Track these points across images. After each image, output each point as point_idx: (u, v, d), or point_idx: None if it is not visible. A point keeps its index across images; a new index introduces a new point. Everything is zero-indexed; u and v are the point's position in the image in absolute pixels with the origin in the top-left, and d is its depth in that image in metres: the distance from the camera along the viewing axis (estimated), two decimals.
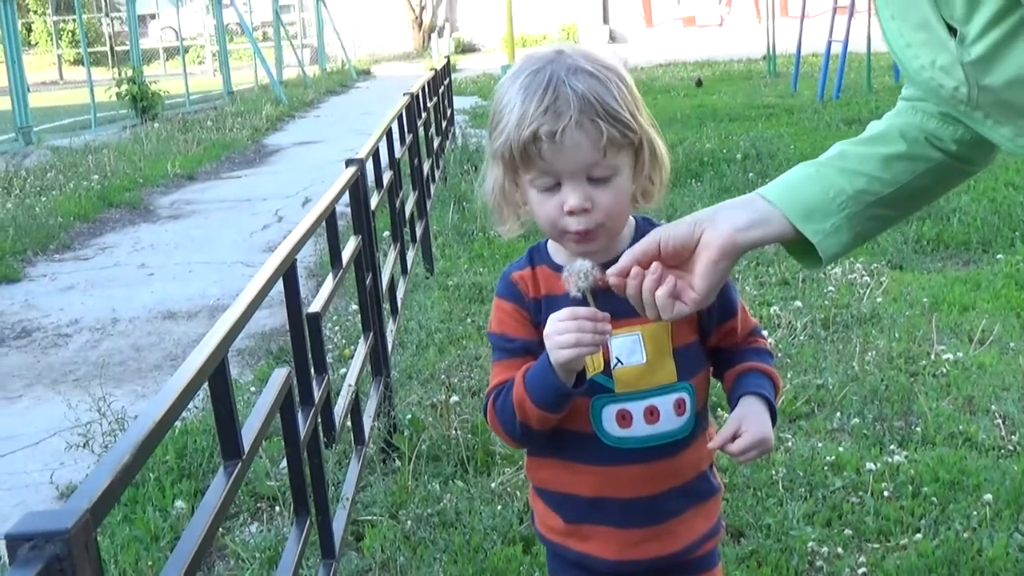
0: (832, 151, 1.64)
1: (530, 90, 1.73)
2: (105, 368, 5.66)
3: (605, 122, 1.70)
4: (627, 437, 1.84)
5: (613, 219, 1.78)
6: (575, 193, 1.74)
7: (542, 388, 1.76)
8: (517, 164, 1.77)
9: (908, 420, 4.18)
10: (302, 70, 26.76)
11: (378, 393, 4.19)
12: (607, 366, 1.82)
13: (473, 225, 7.85)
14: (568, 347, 1.69)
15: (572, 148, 1.71)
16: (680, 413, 1.85)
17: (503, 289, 1.92)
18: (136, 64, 18.54)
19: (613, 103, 1.71)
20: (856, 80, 16.07)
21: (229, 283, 7.29)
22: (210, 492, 1.88)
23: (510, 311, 1.89)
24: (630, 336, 1.83)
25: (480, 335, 5.47)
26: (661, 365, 1.83)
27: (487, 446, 4.02)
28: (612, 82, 1.73)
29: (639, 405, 1.83)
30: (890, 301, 5.62)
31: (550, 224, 1.79)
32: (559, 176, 1.74)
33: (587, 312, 1.69)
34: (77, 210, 9.94)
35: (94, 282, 7.67)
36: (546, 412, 1.78)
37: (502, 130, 1.76)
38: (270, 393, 2.38)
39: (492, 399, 1.87)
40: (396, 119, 6.37)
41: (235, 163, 13.70)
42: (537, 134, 1.71)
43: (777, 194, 1.61)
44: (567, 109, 1.70)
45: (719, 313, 1.89)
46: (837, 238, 1.59)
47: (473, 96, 19.70)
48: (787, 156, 9.90)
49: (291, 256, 2.71)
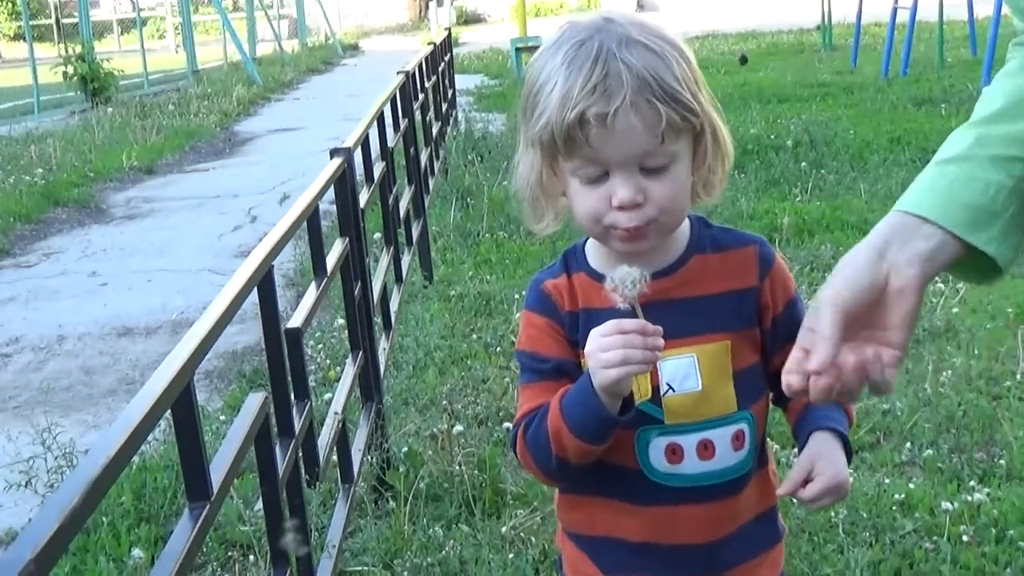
0: (963, 141, 1.55)
1: (575, 64, 1.70)
2: (50, 394, 5.67)
3: (663, 103, 1.68)
4: (677, 474, 1.82)
5: (668, 215, 1.75)
6: (626, 185, 1.72)
7: (582, 415, 1.75)
8: (559, 150, 1.74)
9: (990, 451, 4.17)
10: (279, 45, 26.85)
11: (369, 422, 4.19)
12: (655, 393, 1.81)
13: (479, 225, 7.86)
14: (614, 366, 1.67)
15: (625, 133, 1.68)
16: (739, 447, 1.83)
17: (533, 300, 1.90)
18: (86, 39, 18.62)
19: (672, 81, 1.69)
20: (926, 54, 16.06)
21: (195, 294, 7.31)
22: (173, 539, 1.88)
23: (542, 326, 1.87)
24: (683, 358, 1.81)
25: (488, 353, 5.47)
26: (719, 392, 1.82)
27: (496, 484, 4.02)
28: (671, 56, 1.71)
29: (692, 439, 1.82)
30: (968, 312, 5.61)
31: (593, 219, 1.76)
32: (607, 165, 1.72)
33: (636, 325, 1.67)
34: (17, 209, 9.98)
35: (37, 293, 7.70)
36: (586, 443, 1.76)
37: (541, 112, 1.73)
38: (243, 423, 2.38)
39: (522, 429, 1.85)
40: (388, 102, 6.38)
41: (201, 154, 13.75)
42: (584, 116, 1.68)
43: (934, 207, 1.51)
44: (619, 87, 1.67)
45: (786, 332, 1.83)
46: (1010, 241, 1.50)
47: (478, 74, 19.77)
48: (846, 143, 9.91)
49: (267, 262, 2.71)
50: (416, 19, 36.58)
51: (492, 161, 9.84)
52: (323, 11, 30.82)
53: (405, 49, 25.07)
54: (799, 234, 7.19)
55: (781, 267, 1.89)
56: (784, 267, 1.90)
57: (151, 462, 4.37)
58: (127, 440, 1.61)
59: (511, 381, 5.01)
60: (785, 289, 1.88)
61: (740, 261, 1.85)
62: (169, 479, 4.20)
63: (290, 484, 2.75)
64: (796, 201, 8.06)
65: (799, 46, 20.54)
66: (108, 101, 17.40)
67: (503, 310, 6.09)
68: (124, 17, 31.92)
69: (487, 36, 29.09)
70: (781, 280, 1.87)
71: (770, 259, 1.87)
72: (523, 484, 4.04)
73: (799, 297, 1.90)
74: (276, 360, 2.87)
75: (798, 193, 8.29)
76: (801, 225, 7.34)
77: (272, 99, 19.29)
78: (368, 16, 37.30)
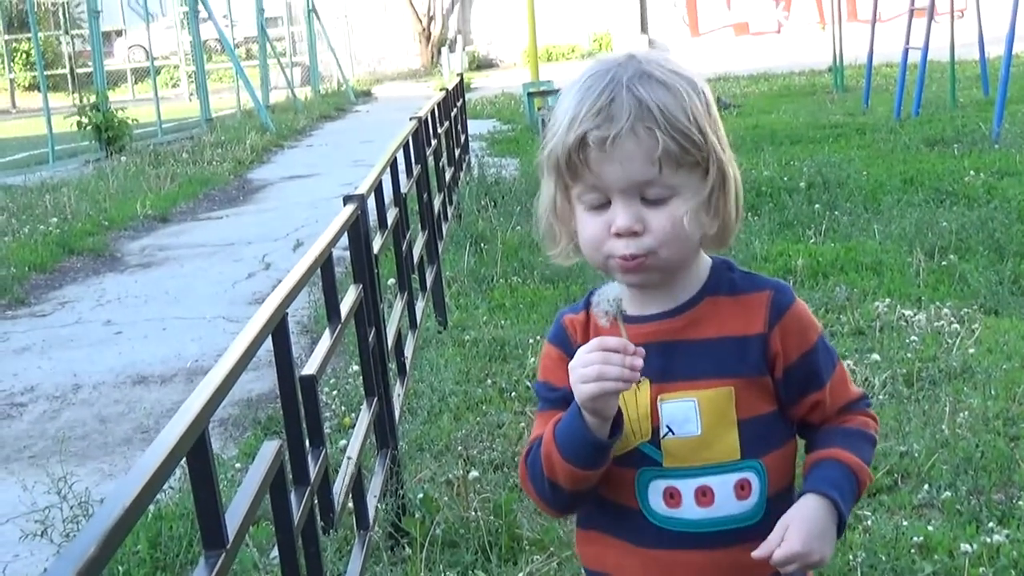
0: None
1: (588, 92, 1.77)
2: (66, 443, 5.67)
3: (663, 132, 1.72)
4: (676, 518, 1.83)
5: (667, 248, 1.77)
6: (624, 212, 1.75)
7: (569, 436, 1.78)
8: (565, 174, 1.79)
9: (1009, 492, 4.15)
10: (292, 92, 27.00)
11: (384, 468, 4.19)
12: (655, 434, 1.82)
13: (493, 270, 7.87)
14: (590, 381, 1.70)
15: (624, 158, 1.73)
16: (743, 496, 1.83)
17: (552, 333, 1.95)
18: (100, 88, 18.74)
19: (678, 113, 1.73)
20: (938, 94, 16.08)
21: (209, 342, 7.32)
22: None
23: (555, 358, 1.92)
24: (684, 402, 1.82)
25: (503, 399, 5.47)
26: (720, 439, 1.82)
27: (513, 529, 4.01)
28: (682, 91, 1.76)
29: (689, 483, 1.83)
30: (984, 352, 5.59)
31: (594, 247, 1.80)
32: (608, 191, 1.76)
33: (616, 343, 1.70)
34: (33, 259, 10.02)
35: (52, 342, 7.72)
36: (574, 467, 1.79)
37: (553, 134, 1.80)
38: (258, 470, 2.39)
39: (525, 453, 1.90)
40: (401, 148, 6.41)
41: (215, 201, 13.81)
42: (585, 139, 1.73)
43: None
44: (621, 114, 1.72)
45: (800, 384, 1.86)
46: None
47: (491, 119, 19.82)
48: (859, 184, 9.91)
49: (281, 309, 2.73)
50: (428, 65, 36.77)
51: (505, 206, 9.86)
52: (336, 58, 31.01)
53: (418, 95, 25.19)
54: (813, 276, 7.19)
55: (797, 315, 1.87)
56: (802, 315, 1.88)
57: (167, 510, 4.37)
58: (142, 489, 1.62)
59: (526, 426, 5.01)
60: (801, 338, 1.86)
61: (750, 307, 1.85)
62: (185, 527, 4.21)
63: (305, 531, 2.76)
64: (810, 243, 8.06)
65: (811, 88, 20.58)
66: (122, 150, 17.50)
67: (517, 355, 6.09)
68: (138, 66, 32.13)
69: (499, 81, 29.21)
70: (796, 329, 1.86)
71: (782, 307, 1.86)
72: (540, 530, 4.04)
73: (822, 347, 1.88)
74: (291, 408, 2.88)
75: (812, 235, 8.29)
76: (815, 267, 7.34)
77: (285, 146, 19.37)
78: (380, 62, 37.51)
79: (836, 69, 19.42)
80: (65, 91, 27.21)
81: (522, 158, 13.70)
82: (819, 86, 20.50)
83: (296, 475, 2.82)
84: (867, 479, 1.86)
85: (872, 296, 6.63)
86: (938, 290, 6.71)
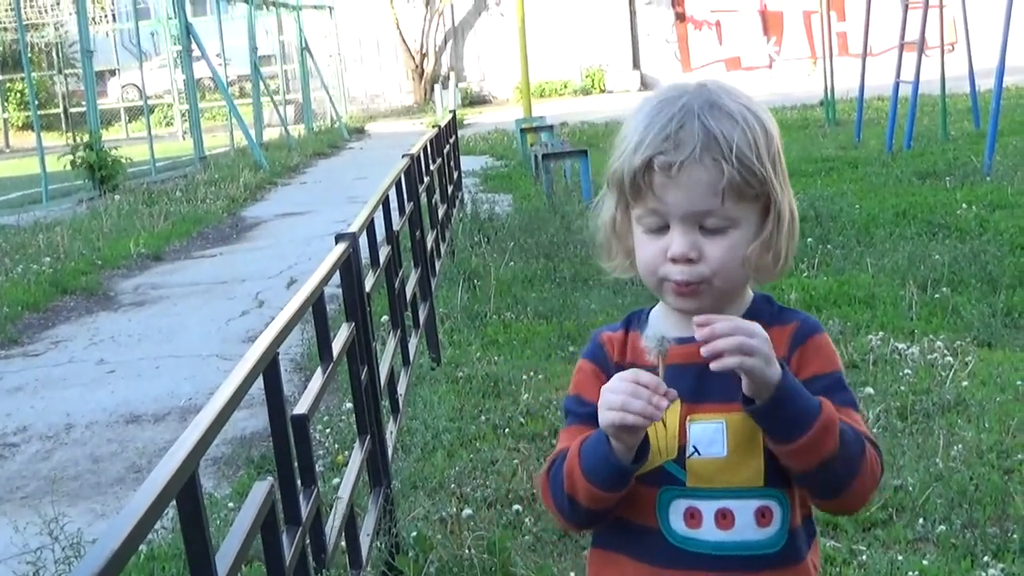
0: None
1: (658, 117, 1.80)
2: (58, 483, 5.66)
3: (730, 164, 1.75)
4: (696, 539, 1.84)
5: (721, 278, 1.81)
6: (683, 239, 1.79)
7: (593, 457, 1.80)
8: (628, 194, 1.83)
9: (1004, 526, 4.14)
10: (285, 130, 27.05)
11: (377, 507, 4.18)
12: (681, 454, 1.83)
13: (486, 306, 7.88)
14: (614, 409, 1.72)
15: (687, 186, 1.76)
16: (764, 524, 1.84)
17: (588, 349, 1.97)
18: (93, 128, 18.77)
19: (744, 146, 1.77)
20: (930, 127, 16.15)
21: (202, 380, 7.31)
22: None
23: (589, 372, 1.94)
24: (712, 423, 1.84)
25: (496, 435, 5.47)
26: (745, 463, 1.83)
27: (507, 568, 4.00)
28: (749, 125, 1.79)
29: (711, 505, 1.84)
30: (978, 385, 5.60)
31: (649, 270, 1.84)
32: (668, 217, 1.80)
33: (649, 380, 1.73)
34: (26, 298, 10.01)
35: (45, 382, 7.71)
36: (595, 487, 1.80)
37: (620, 154, 1.83)
38: (250, 511, 2.39)
39: (548, 465, 1.91)
40: (394, 185, 6.43)
41: (209, 240, 13.82)
42: (651, 162, 1.77)
43: None
44: (690, 141, 1.76)
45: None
46: None
47: (484, 156, 19.86)
48: (851, 217, 9.94)
49: (272, 349, 2.73)
50: (421, 101, 36.85)
51: (499, 242, 9.88)
52: (329, 95, 31.09)
53: (411, 131, 25.26)
54: (807, 309, 7.18)
55: (817, 344, 1.89)
56: (822, 345, 1.89)
57: (159, 551, 4.36)
58: (132, 531, 1.62)
59: (520, 463, 5.01)
60: (818, 364, 1.87)
61: (780, 337, 1.87)
62: (178, 568, 4.19)
63: (297, 572, 2.75)
64: (803, 276, 8.08)
65: (803, 121, 20.63)
66: (116, 189, 17.50)
67: (511, 391, 6.09)
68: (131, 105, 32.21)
69: (492, 117, 29.28)
70: (815, 356, 1.87)
71: (804, 335, 1.89)
72: (534, 567, 4.03)
73: (838, 379, 1.87)
74: (282, 447, 2.88)
75: (805, 268, 8.31)
76: (809, 300, 7.36)
77: (279, 184, 19.38)
78: (374, 99, 37.60)
79: (828, 103, 19.49)
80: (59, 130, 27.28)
81: (515, 194, 13.73)
82: (811, 120, 20.56)
83: (288, 515, 2.82)
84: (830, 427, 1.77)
85: (865, 329, 6.64)
86: (931, 323, 6.72)
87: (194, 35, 21.55)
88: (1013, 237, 8.57)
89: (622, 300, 7.47)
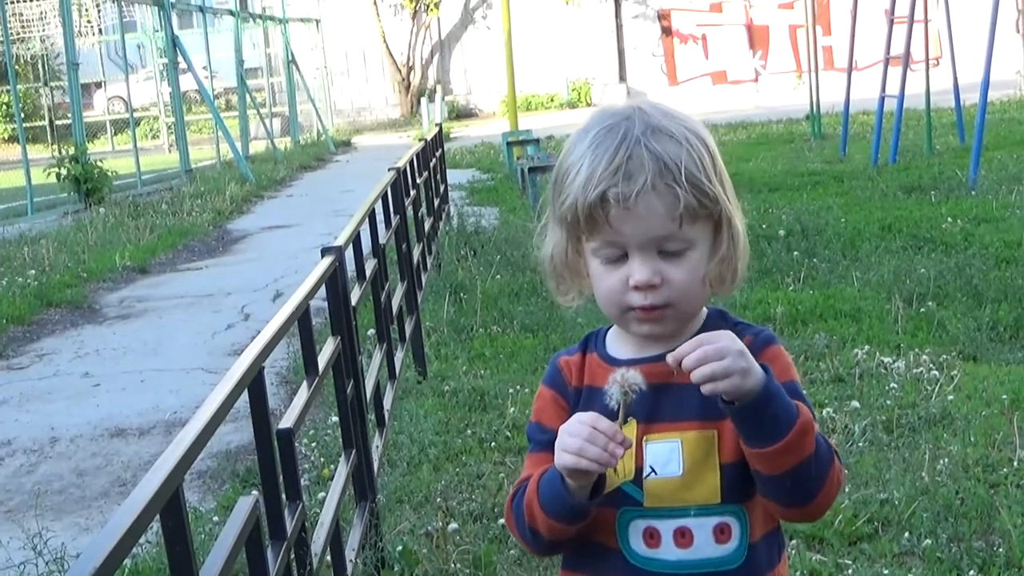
0: None
1: (601, 148, 1.78)
2: (42, 497, 5.63)
3: (683, 188, 1.75)
4: (656, 559, 1.85)
5: (686, 299, 1.82)
6: (644, 266, 1.78)
7: (550, 493, 1.81)
8: (582, 230, 1.82)
9: (989, 540, 4.15)
10: (271, 143, 27.04)
11: (363, 521, 4.17)
12: (638, 474, 1.83)
13: (472, 320, 7.87)
14: (570, 452, 1.73)
15: (644, 215, 1.76)
16: (723, 540, 1.84)
17: (547, 375, 1.98)
18: (79, 140, 18.74)
19: (694, 168, 1.77)
20: (915, 141, 16.21)
21: (188, 393, 7.29)
22: None
23: (549, 399, 1.94)
24: (668, 443, 1.83)
25: (482, 449, 5.46)
26: (701, 481, 1.83)
27: None
28: (693, 145, 1.79)
29: (669, 524, 1.84)
30: (963, 399, 5.61)
31: (612, 301, 1.83)
32: (626, 246, 1.79)
33: (608, 427, 1.72)
34: (10, 311, 9.97)
35: (29, 395, 7.68)
36: (552, 520, 1.81)
37: (568, 192, 1.81)
38: (234, 526, 2.38)
39: (512, 494, 1.92)
40: (380, 199, 6.43)
41: (194, 252, 13.79)
42: (605, 196, 1.76)
43: None
44: (641, 171, 1.75)
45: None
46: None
47: (470, 169, 19.87)
48: (837, 231, 9.96)
49: (258, 363, 2.72)
50: (408, 115, 36.85)
51: (485, 255, 9.88)
52: (315, 108, 31.08)
53: (397, 144, 25.28)
54: (792, 323, 7.21)
55: (773, 355, 1.88)
56: (778, 356, 1.89)
57: (143, 566, 4.34)
58: (115, 547, 1.61)
59: (506, 477, 5.00)
60: (776, 372, 1.83)
61: None
62: None
63: None
64: (789, 291, 8.09)
65: (789, 136, 20.69)
66: (101, 201, 17.46)
67: (497, 404, 6.08)
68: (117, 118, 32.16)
69: (479, 131, 29.31)
70: (771, 365, 1.83)
71: (759, 345, 1.87)
72: None
73: (795, 388, 1.86)
74: (267, 461, 2.87)
75: (791, 282, 8.32)
76: (795, 314, 7.36)
77: (265, 196, 19.36)
78: (360, 112, 37.60)
79: (813, 117, 19.56)
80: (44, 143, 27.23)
81: (502, 207, 13.74)
82: (797, 134, 20.63)
83: (273, 530, 2.81)
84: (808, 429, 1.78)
85: (851, 343, 6.65)
86: (917, 337, 6.73)
87: (180, 47, 21.55)
88: (998, 251, 8.60)
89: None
